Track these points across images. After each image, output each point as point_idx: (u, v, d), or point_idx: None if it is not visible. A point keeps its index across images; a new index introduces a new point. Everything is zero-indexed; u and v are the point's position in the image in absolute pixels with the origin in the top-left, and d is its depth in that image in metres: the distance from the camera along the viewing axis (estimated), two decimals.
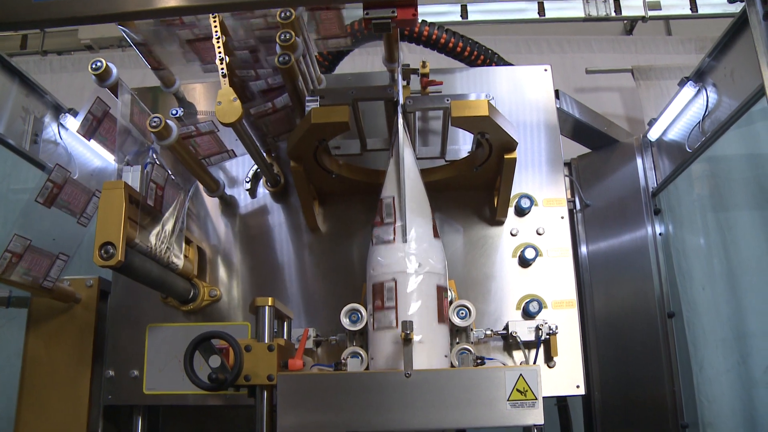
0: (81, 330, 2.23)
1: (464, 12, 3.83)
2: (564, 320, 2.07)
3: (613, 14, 3.82)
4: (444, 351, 1.75)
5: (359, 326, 1.83)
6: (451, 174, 2.10)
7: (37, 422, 2.16)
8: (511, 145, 1.89)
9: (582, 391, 2.05)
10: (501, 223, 2.18)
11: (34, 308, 2.25)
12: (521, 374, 1.59)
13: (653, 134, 2.83)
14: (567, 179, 2.38)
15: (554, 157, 2.27)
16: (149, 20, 1.93)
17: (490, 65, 2.55)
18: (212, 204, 2.30)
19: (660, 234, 2.69)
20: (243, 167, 2.32)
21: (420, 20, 2.45)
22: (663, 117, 2.73)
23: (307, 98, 1.93)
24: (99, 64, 1.85)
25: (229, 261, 2.24)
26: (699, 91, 2.49)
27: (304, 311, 2.16)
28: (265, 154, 2.20)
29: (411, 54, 3.45)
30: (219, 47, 1.83)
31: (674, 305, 2.63)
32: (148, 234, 1.87)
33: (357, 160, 2.15)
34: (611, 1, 3.83)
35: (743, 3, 1.98)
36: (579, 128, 2.71)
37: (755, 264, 2.56)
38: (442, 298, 1.77)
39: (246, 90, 2.01)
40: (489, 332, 2.00)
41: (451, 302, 1.86)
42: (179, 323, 2.18)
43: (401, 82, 1.95)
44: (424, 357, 1.68)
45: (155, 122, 1.85)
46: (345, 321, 1.84)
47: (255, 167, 2.27)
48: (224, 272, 2.24)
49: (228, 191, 2.30)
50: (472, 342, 1.91)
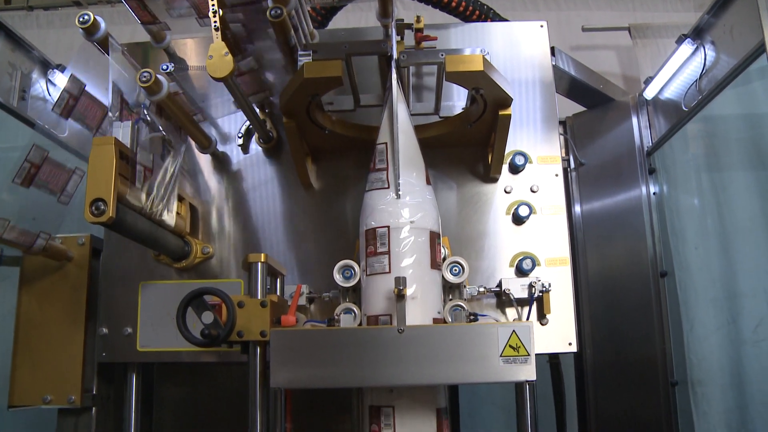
0: (74, 288, 2.22)
1: None
2: (557, 278, 2.07)
3: None
4: (437, 298, 1.75)
5: (352, 282, 1.82)
6: (445, 130, 2.07)
7: (32, 380, 2.16)
8: (506, 101, 1.86)
9: (574, 349, 2.06)
10: (495, 180, 2.17)
11: (27, 267, 2.24)
12: (514, 330, 1.59)
13: (649, 93, 2.81)
14: (562, 138, 2.36)
15: (549, 115, 2.25)
16: None
17: (486, 21, 2.51)
18: (204, 161, 2.28)
19: (654, 193, 2.69)
20: (235, 123, 2.29)
21: None
22: (659, 75, 2.70)
23: (300, 52, 1.89)
24: (86, 18, 1.80)
25: (222, 218, 2.23)
26: (697, 49, 2.46)
27: (297, 268, 2.16)
28: (258, 110, 2.17)
29: (405, 10, 3.39)
30: (213, 2, 1.79)
31: (667, 265, 2.64)
32: (140, 191, 1.86)
33: (350, 117, 2.13)
34: None
35: None
36: (574, 86, 2.69)
37: (748, 224, 2.57)
38: (435, 245, 1.76)
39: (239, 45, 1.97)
40: (482, 289, 2.00)
41: (445, 259, 1.86)
42: (172, 280, 2.17)
43: (395, 37, 1.91)
44: (418, 311, 1.68)
45: (145, 77, 1.81)
46: (338, 277, 1.83)
47: (247, 123, 2.25)
48: (217, 229, 2.22)
49: (220, 148, 2.27)
50: (465, 299, 1.91)
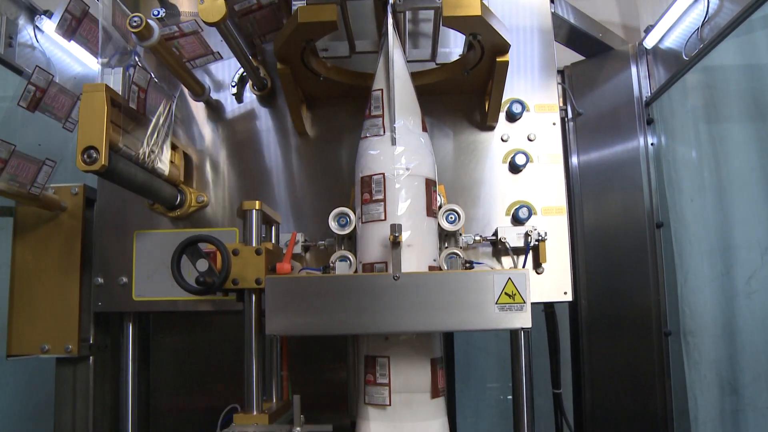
0: (68, 238, 2.21)
1: None
2: (553, 227, 2.07)
3: None
4: (432, 245, 1.74)
5: (348, 230, 1.82)
6: (442, 77, 2.05)
7: (30, 330, 2.17)
8: (504, 48, 1.83)
9: (569, 298, 2.07)
10: (492, 129, 2.15)
11: (20, 217, 2.23)
12: (510, 278, 1.59)
13: (649, 42, 2.76)
14: (559, 87, 2.33)
15: (547, 63, 2.22)
16: None
17: None
18: (198, 109, 2.25)
19: (652, 144, 2.67)
20: (229, 71, 2.25)
21: None
22: (660, 23, 2.65)
23: None
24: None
25: (216, 166, 2.21)
26: None
27: (293, 216, 2.15)
28: (251, 57, 2.14)
29: None
30: None
31: (663, 217, 2.64)
32: (133, 139, 1.83)
33: (345, 63, 2.09)
34: None
35: None
36: (573, 34, 2.64)
37: (744, 177, 2.56)
38: (431, 192, 1.75)
39: None
40: (478, 238, 2.00)
41: (440, 207, 1.85)
42: (167, 229, 2.17)
43: None
44: (413, 259, 1.68)
45: (135, 22, 1.77)
46: (333, 225, 1.82)
47: (241, 70, 2.21)
48: (211, 178, 2.21)
49: (214, 95, 2.24)
50: (461, 247, 1.91)
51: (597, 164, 2.65)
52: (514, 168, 2.10)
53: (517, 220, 2.07)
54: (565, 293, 2.06)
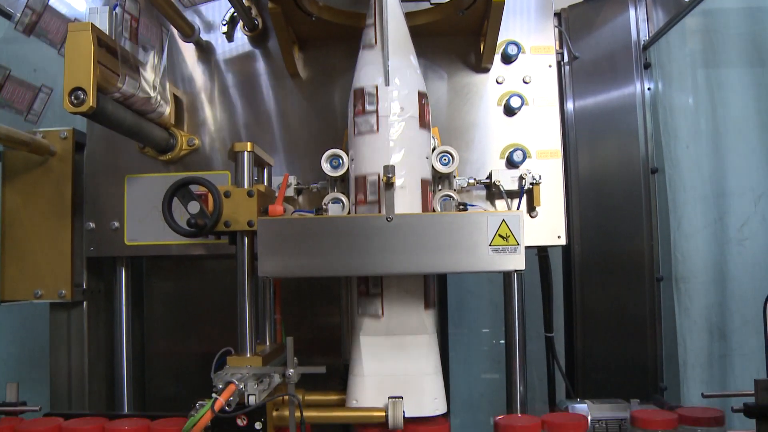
0: (58, 183, 2.19)
1: None
2: (548, 170, 2.06)
3: None
4: (424, 161, 1.74)
5: (340, 172, 1.80)
6: (436, 17, 2.00)
7: (22, 275, 2.18)
8: None
9: (563, 242, 2.08)
10: (487, 71, 2.12)
11: (8, 162, 2.21)
12: (504, 219, 1.59)
13: None
14: (556, 30, 2.29)
15: (544, 4, 2.17)
16: None
17: None
18: (188, 50, 2.20)
19: (648, 89, 2.64)
20: (219, 11, 2.20)
21: None
22: None
23: None
24: None
25: (208, 109, 2.18)
26: None
27: (285, 159, 2.13)
28: None
29: None
30: None
31: (658, 163, 2.63)
32: (121, 79, 1.79)
33: (338, 3, 2.04)
34: None
35: None
36: None
37: (741, 124, 2.54)
38: (422, 103, 1.73)
39: None
40: (472, 180, 1.99)
41: (434, 149, 1.83)
42: (158, 173, 2.15)
43: None
44: (407, 200, 1.67)
45: None
46: (326, 166, 1.81)
47: (231, 10, 2.16)
48: (203, 120, 2.18)
49: (204, 36, 2.19)
50: (455, 189, 1.90)
51: (592, 109, 2.61)
52: (509, 111, 2.08)
53: (512, 163, 2.05)
54: (559, 237, 2.06)
